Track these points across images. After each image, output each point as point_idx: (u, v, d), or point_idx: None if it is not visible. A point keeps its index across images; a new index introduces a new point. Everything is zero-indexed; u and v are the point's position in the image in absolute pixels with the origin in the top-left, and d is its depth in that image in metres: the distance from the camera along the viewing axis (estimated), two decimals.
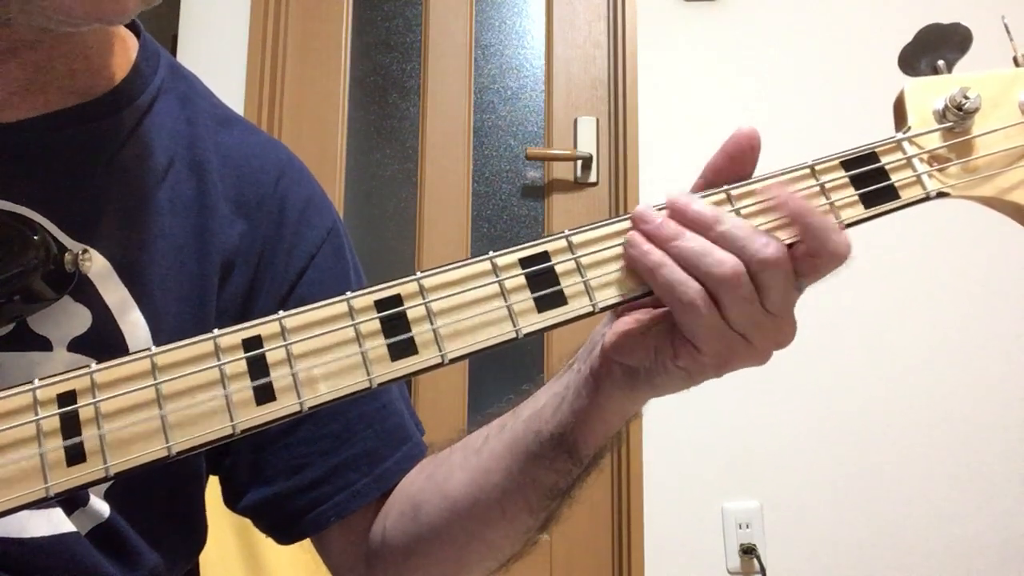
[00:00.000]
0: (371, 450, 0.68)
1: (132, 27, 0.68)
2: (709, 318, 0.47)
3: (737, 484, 1.93)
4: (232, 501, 0.70)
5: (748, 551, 1.90)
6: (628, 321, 0.52)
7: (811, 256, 0.48)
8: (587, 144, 2.11)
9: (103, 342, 0.57)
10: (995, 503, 1.94)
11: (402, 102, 2.20)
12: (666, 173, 2.02)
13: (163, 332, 0.60)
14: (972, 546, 1.92)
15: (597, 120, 2.13)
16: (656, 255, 0.47)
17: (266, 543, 0.71)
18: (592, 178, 2.11)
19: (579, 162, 2.11)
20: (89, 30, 0.60)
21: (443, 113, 2.17)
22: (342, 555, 0.70)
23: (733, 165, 0.51)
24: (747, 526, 1.92)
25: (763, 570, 1.88)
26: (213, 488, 0.71)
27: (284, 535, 0.69)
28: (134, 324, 0.59)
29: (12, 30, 0.55)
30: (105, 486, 0.59)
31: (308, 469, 0.67)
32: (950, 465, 1.95)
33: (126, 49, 0.65)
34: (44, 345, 0.56)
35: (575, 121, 2.13)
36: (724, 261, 0.46)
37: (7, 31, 0.55)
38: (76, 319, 0.57)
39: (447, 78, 2.19)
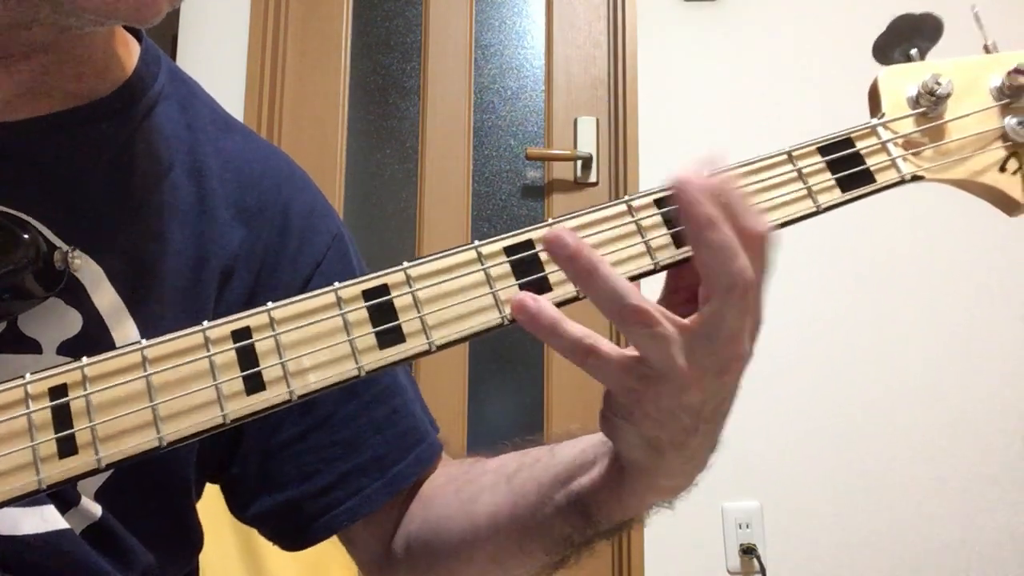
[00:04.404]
0: (382, 456, 0.68)
1: (134, 31, 0.67)
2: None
3: (737, 484, 1.93)
4: (239, 509, 0.70)
5: (748, 551, 1.90)
6: None
7: None
8: (587, 144, 2.11)
9: (92, 346, 0.57)
10: (995, 503, 1.93)
11: (402, 102, 2.20)
12: (666, 173, 2.02)
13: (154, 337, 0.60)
14: (971, 546, 1.92)
15: (597, 120, 2.13)
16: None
17: (266, 544, 0.72)
18: (592, 178, 2.11)
19: (579, 162, 2.11)
20: (99, 32, 0.60)
21: (443, 113, 2.17)
22: (366, 549, 0.71)
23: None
24: (747, 526, 1.92)
25: (763, 570, 1.88)
26: (212, 490, 0.71)
27: (292, 541, 0.69)
28: (125, 330, 0.59)
29: (32, 32, 0.55)
30: (95, 487, 0.59)
31: (318, 476, 0.67)
32: (950, 465, 1.95)
33: (128, 53, 0.65)
34: (34, 348, 0.56)
35: (575, 121, 2.13)
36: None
37: (26, 34, 0.55)
38: (66, 322, 0.57)
39: (447, 78, 2.19)
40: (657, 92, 2.08)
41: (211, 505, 0.70)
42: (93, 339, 0.57)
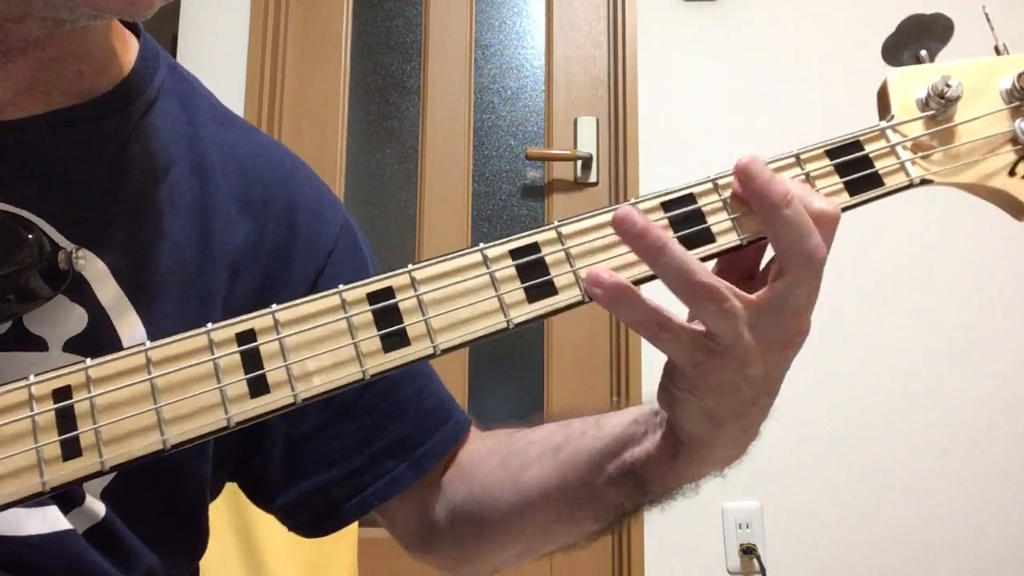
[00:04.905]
0: (408, 436, 0.69)
1: (132, 28, 0.67)
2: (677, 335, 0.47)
3: (737, 484, 1.92)
4: (266, 502, 0.70)
5: (748, 551, 1.90)
6: None
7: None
8: (587, 144, 2.11)
9: (99, 343, 0.57)
10: (995, 503, 1.94)
11: (402, 102, 2.20)
12: (666, 173, 2.02)
13: (160, 333, 0.60)
14: (972, 546, 1.92)
15: (597, 120, 2.13)
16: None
17: (266, 543, 0.72)
18: (592, 178, 2.11)
19: (579, 162, 2.11)
20: (96, 28, 0.60)
21: (443, 113, 2.17)
22: (404, 524, 0.72)
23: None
24: (747, 526, 1.92)
25: (763, 570, 1.88)
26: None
27: (320, 528, 0.70)
28: (130, 325, 0.59)
29: (25, 27, 0.55)
30: (101, 486, 0.59)
31: (345, 461, 0.68)
32: (950, 465, 1.95)
33: (127, 50, 0.65)
34: (40, 345, 0.56)
35: (575, 121, 2.13)
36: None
37: (20, 28, 0.55)
38: (72, 319, 0.57)
39: (447, 78, 2.19)
40: (657, 92, 2.08)
41: (211, 505, 0.70)
42: (99, 336, 0.57)
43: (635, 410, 0.60)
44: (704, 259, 0.48)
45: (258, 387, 0.44)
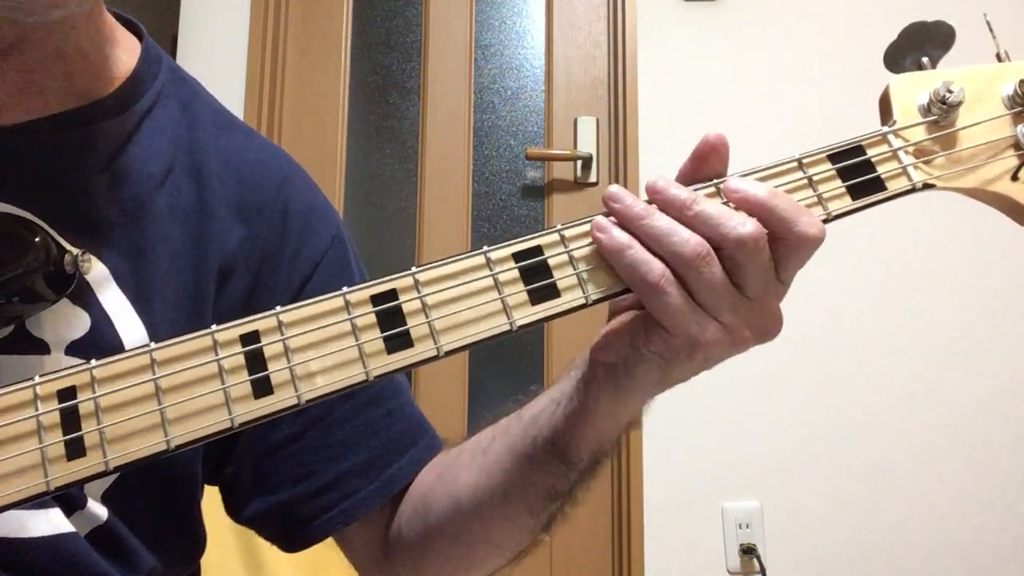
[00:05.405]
0: (377, 457, 0.68)
1: (134, 30, 0.68)
2: (675, 299, 0.47)
3: (737, 484, 1.93)
4: (235, 510, 0.70)
5: (748, 551, 1.90)
6: (614, 322, 0.53)
7: (781, 239, 0.48)
8: (587, 144, 2.11)
9: (101, 346, 0.57)
10: (995, 503, 1.94)
11: (402, 102, 2.20)
12: (666, 173, 2.02)
13: (161, 337, 0.60)
14: (972, 546, 1.92)
15: (597, 120, 2.13)
16: (622, 237, 0.48)
17: (266, 544, 0.72)
18: (592, 178, 2.11)
19: (579, 162, 2.11)
20: (80, 29, 0.60)
21: (443, 113, 2.17)
22: (363, 550, 0.71)
23: (703, 167, 0.51)
24: (747, 526, 1.92)
25: (763, 570, 1.88)
26: (212, 491, 0.72)
27: (289, 543, 0.70)
28: (132, 329, 0.59)
29: None
30: (102, 489, 0.59)
31: (314, 477, 0.67)
32: (950, 465, 1.95)
33: (127, 52, 0.65)
34: (42, 348, 0.56)
35: (575, 121, 2.13)
36: (688, 240, 0.47)
37: None
38: (74, 323, 0.57)
39: (447, 78, 2.19)
40: (657, 92, 2.08)
41: (211, 505, 0.71)
42: (102, 340, 0.58)
43: (554, 387, 0.60)
44: None
45: (262, 388, 0.45)
